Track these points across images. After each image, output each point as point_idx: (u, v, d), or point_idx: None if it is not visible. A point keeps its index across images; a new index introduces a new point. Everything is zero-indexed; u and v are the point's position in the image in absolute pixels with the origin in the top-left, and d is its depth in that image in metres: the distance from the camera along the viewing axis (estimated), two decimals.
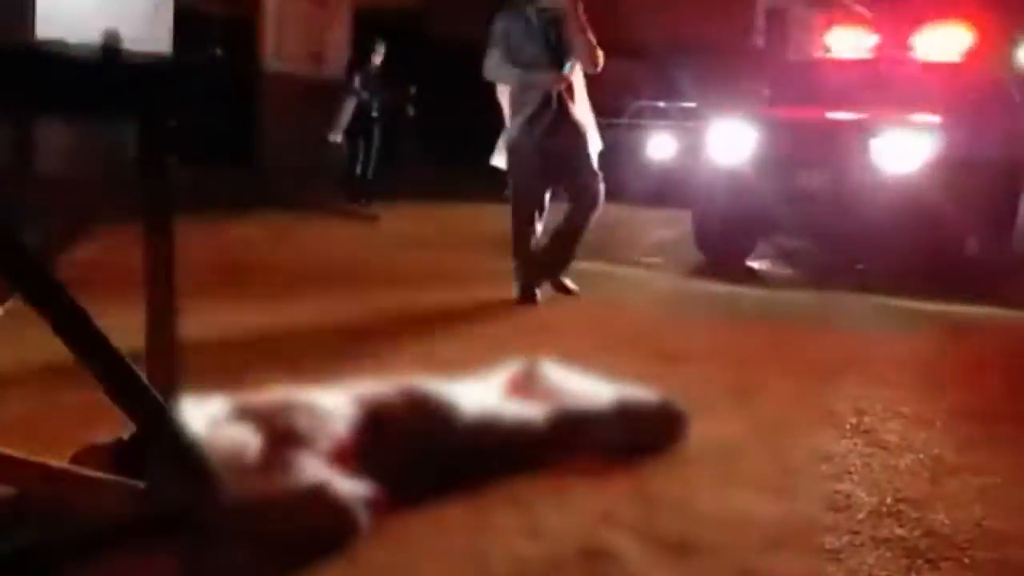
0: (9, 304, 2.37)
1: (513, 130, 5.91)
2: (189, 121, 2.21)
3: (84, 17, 12.68)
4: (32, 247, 2.19)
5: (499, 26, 5.87)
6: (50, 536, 2.24)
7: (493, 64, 5.91)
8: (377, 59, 12.41)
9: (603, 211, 6.02)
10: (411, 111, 13.61)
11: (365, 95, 12.25)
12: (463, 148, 12.60)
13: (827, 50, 9.84)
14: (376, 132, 12.43)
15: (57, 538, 2.23)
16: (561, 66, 5.84)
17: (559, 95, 5.81)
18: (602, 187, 5.93)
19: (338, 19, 17.43)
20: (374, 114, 12.31)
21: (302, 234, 9.22)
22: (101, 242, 2.79)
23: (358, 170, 12.48)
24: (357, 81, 12.29)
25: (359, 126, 12.31)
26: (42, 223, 2.49)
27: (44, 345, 2.26)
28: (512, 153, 5.92)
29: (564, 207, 6.05)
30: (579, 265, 7.81)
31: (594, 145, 5.97)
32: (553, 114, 5.81)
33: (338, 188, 12.31)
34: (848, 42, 9.63)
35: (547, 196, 6.07)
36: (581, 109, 5.95)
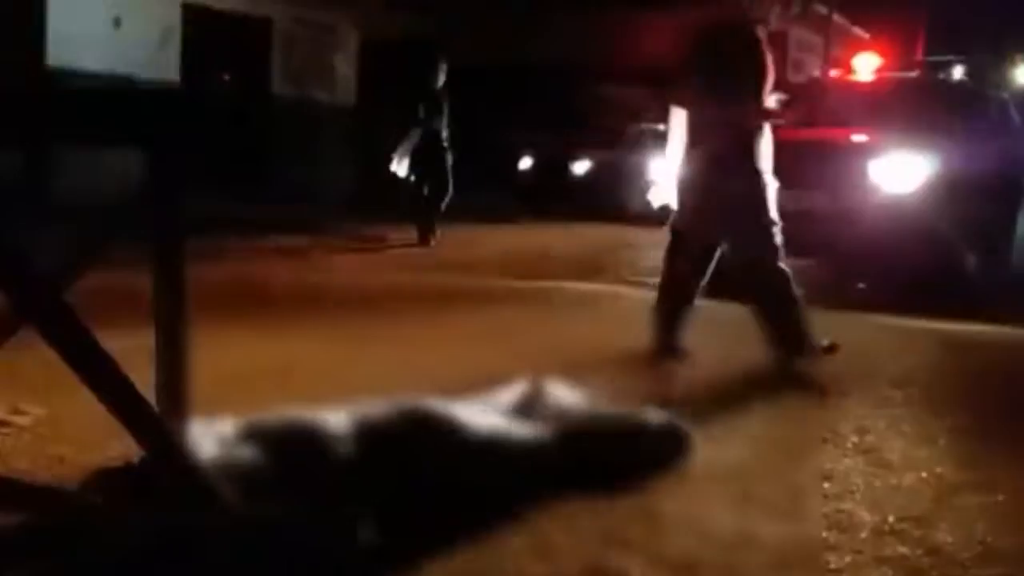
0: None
1: (688, 167, 5.01)
2: (198, 150, 2.24)
3: (95, 43, 12.81)
4: (42, 272, 2.22)
5: (690, 47, 5.07)
6: (62, 562, 2.26)
7: (680, 90, 5.08)
8: (439, 80, 11.18)
9: (609, 233, 5.95)
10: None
11: (436, 123, 11.06)
12: (483, 174, 12.58)
13: (855, 73, 10.05)
14: (447, 161, 11.19)
15: (69, 564, 2.25)
16: (757, 97, 4.91)
17: (749, 132, 4.90)
18: (777, 238, 4.96)
19: (346, 44, 17.55)
20: (444, 143, 11.15)
21: (313, 258, 9.25)
22: (112, 267, 2.82)
23: (422, 203, 11.20)
24: (422, 110, 11.02)
25: (426, 156, 11.07)
26: (54, 249, 2.52)
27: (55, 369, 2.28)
28: (682, 194, 5.06)
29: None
30: (580, 286, 7.87)
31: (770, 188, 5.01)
32: (738, 154, 4.88)
33: (409, 222, 11.17)
34: (870, 66, 9.92)
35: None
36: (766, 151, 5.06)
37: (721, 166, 4.85)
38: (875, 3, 22.10)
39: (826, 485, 3.20)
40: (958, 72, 13.35)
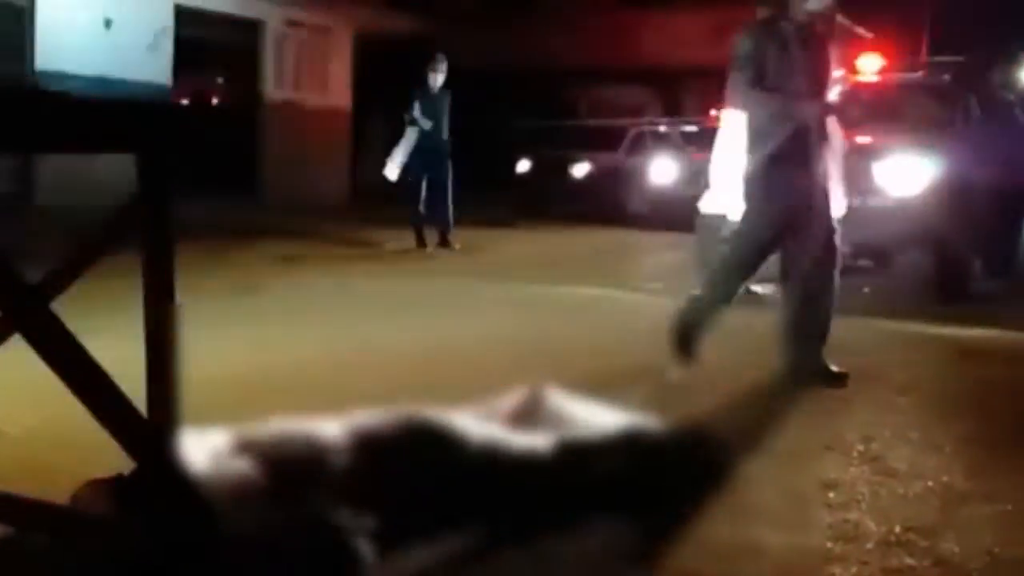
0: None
1: (752, 169, 4.76)
2: (189, 156, 2.21)
3: (84, 48, 12.74)
4: (30, 280, 2.18)
5: (746, 44, 4.78)
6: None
7: (738, 89, 4.81)
8: (438, 79, 10.63)
9: (615, 239, 5.89)
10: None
11: (429, 124, 10.58)
12: (480, 176, 12.39)
13: (859, 74, 9.95)
14: (448, 166, 10.67)
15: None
16: (820, 92, 4.79)
17: (814, 130, 4.74)
18: (839, 247, 4.84)
19: (341, 46, 17.49)
20: (446, 151, 10.64)
21: (307, 263, 9.21)
22: (102, 274, 2.77)
23: (423, 209, 10.68)
24: (417, 108, 10.57)
25: (424, 160, 10.61)
26: (42, 256, 2.48)
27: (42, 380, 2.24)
28: (748, 197, 4.81)
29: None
30: (579, 291, 7.84)
31: (837, 198, 4.91)
32: (803, 152, 4.71)
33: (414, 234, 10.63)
34: (873, 67, 9.80)
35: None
36: (833, 149, 4.93)
37: (791, 164, 4.69)
38: (878, 3, 22.06)
39: (831, 494, 3.16)
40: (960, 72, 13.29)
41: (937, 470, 3.43)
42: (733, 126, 4.83)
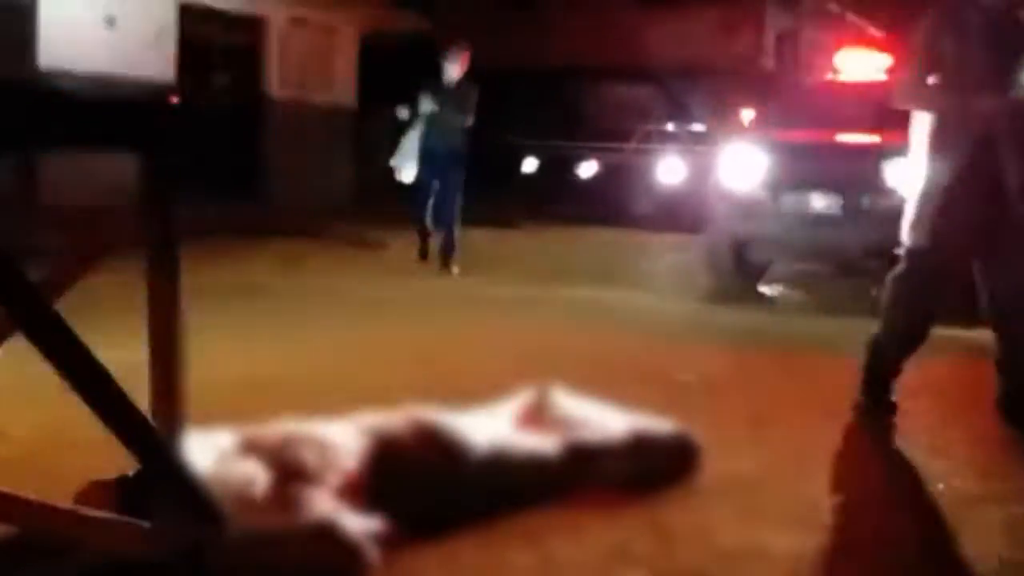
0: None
1: (933, 178, 4.06)
2: (191, 155, 2.19)
3: (86, 47, 12.74)
4: (33, 279, 2.17)
5: (925, 33, 4.14)
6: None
7: (910, 84, 4.17)
8: (453, 71, 9.10)
9: (615, 236, 5.86)
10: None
11: (447, 121, 9.01)
12: (486, 176, 12.17)
13: (837, 72, 9.79)
14: (461, 174, 9.16)
15: None
16: (1011, 86, 4.01)
17: (1009, 130, 3.96)
18: None
19: (346, 45, 17.47)
20: (458, 144, 9.12)
21: (313, 263, 9.20)
22: (104, 275, 2.76)
23: (428, 216, 9.29)
24: (428, 104, 9.07)
25: (435, 164, 9.12)
26: (45, 254, 2.47)
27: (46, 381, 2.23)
28: (923, 217, 4.07)
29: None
30: (586, 292, 7.82)
31: None
32: (995, 158, 3.95)
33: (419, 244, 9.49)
34: (859, 64, 9.59)
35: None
36: None
37: (978, 177, 3.96)
38: (891, 2, 21.98)
39: (840, 497, 3.14)
40: None
41: (946, 473, 3.41)
42: (918, 132, 4.15)
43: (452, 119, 9.02)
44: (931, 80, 4.08)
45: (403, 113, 9.48)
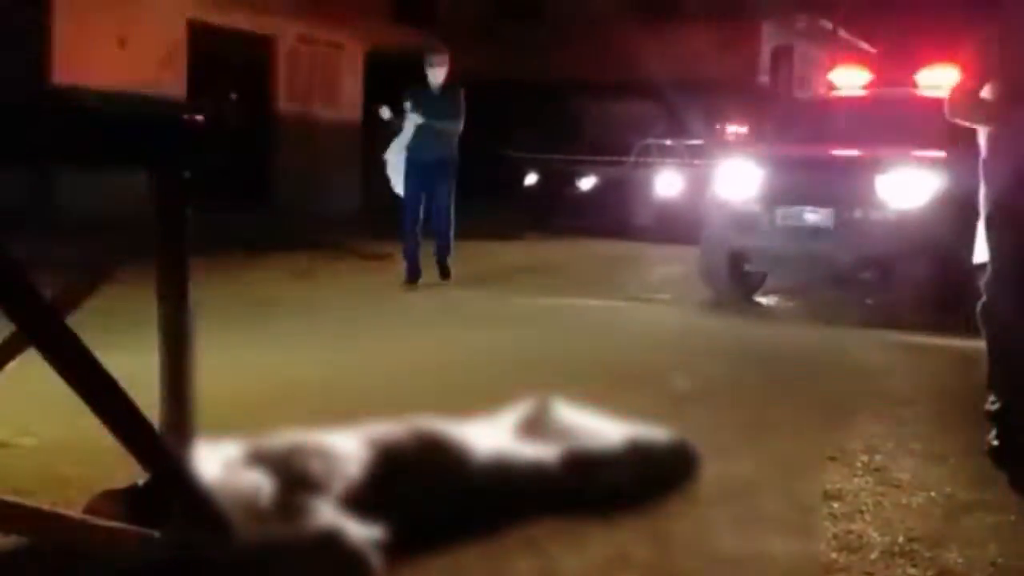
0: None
1: (991, 205, 3.75)
2: (204, 170, 2.23)
3: (100, 63, 12.83)
4: (47, 292, 2.21)
5: (985, 45, 3.91)
6: None
7: (967, 96, 3.87)
8: (438, 75, 8.67)
9: (615, 249, 5.87)
10: None
11: (432, 121, 8.53)
12: (487, 189, 12.07)
13: (832, 88, 9.92)
14: (451, 184, 8.73)
15: None
16: None
17: None
18: None
19: (353, 61, 17.58)
20: (447, 152, 8.66)
21: (320, 276, 9.23)
22: (116, 286, 2.81)
23: (419, 231, 8.65)
24: (412, 111, 8.59)
25: (423, 174, 8.61)
26: (59, 268, 2.51)
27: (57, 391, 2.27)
28: (995, 242, 3.75)
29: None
30: (585, 302, 7.86)
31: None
32: None
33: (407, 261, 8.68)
34: (850, 80, 9.74)
35: None
36: None
37: None
38: (881, 18, 22.10)
39: (835, 505, 3.18)
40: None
41: (940, 481, 3.45)
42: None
43: (439, 126, 8.60)
44: (987, 93, 3.81)
45: (385, 113, 8.91)
